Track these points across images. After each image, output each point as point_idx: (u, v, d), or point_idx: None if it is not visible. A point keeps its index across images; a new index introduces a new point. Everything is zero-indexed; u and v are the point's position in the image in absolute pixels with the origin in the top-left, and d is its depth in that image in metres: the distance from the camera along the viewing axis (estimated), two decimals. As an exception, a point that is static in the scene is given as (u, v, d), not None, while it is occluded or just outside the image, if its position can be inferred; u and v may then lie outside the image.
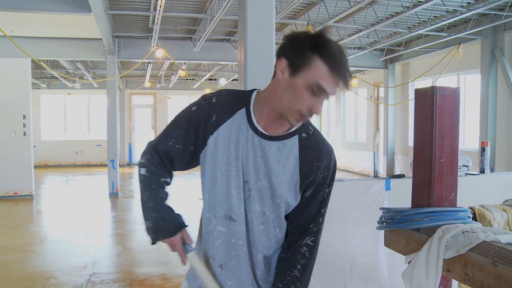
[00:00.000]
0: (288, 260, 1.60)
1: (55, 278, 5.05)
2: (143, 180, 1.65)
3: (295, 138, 1.56)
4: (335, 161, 1.64)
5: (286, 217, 1.63)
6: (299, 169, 1.55)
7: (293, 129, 1.56)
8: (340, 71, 1.40)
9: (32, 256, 5.96)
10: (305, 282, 1.61)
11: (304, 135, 1.58)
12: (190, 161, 1.64)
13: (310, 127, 1.60)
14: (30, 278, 5.04)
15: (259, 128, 1.55)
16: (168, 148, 1.62)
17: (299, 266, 1.58)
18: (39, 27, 9.54)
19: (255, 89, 1.62)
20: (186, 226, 1.64)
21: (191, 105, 1.62)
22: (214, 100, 1.59)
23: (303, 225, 1.62)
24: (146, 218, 1.63)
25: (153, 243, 1.63)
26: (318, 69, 1.39)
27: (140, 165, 1.66)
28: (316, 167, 1.57)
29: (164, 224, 1.60)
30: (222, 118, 1.56)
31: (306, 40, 1.42)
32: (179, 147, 1.60)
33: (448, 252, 1.24)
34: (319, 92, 1.41)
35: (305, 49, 1.40)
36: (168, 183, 1.67)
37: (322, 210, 1.64)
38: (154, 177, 1.64)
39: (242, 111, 1.57)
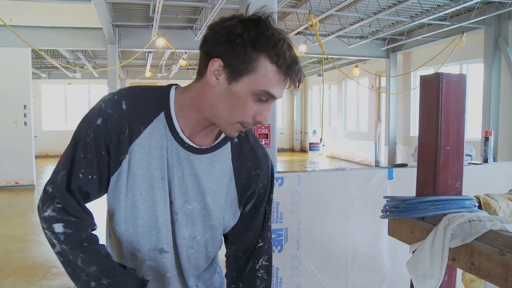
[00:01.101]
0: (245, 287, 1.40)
1: (57, 267, 5.05)
2: (64, 240, 1.17)
3: (227, 146, 1.30)
4: (272, 166, 1.40)
5: (242, 230, 1.40)
6: (235, 182, 1.31)
7: (223, 136, 1.29)
8: (293, 71, 1.14)
9: (33, 246, 5.97)
10: None
11: (236, 140, 1.32)
12: (107, 189, 1.28)
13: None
14: (31, 268, 5.05)
15: (185, 139, 1.24)
16: (81, 182, 1.21)
17: None
18: (39, 16, 9.48)
19: (172, 85, 1.30)
20: (147, 281, 1.25)
21: (93, 116, 1.23)
22: (124, 107, 1.21)
23: (250, 245, 1.40)
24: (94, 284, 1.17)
25: None
26: (266, 73, 1.12)
27: (49, 219, 1.18)
28: (255, 177, 1.33)
29: None
30: (138, 129, 1.21)
31: (245, 35, 1.10)
32: (93, 177, 1.21)
33: (454, 241, 1.22)
34: (266, 98, 1.16)
35: (247, 47, 1.10)
36: (95, 230, 1.26)
37: (268, 224, 1.42)
38: (80, 232, 1.20)
39: (161, 117, 1.23)
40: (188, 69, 16.41)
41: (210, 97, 1.18)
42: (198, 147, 1.26)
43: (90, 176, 1.21)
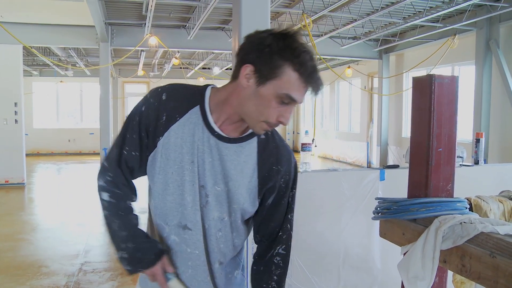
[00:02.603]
0: (264, 272, 1.56)
1: (47, 267, 5.02)
2: (107, 207, 1.48)
3: (254, 141, 1.47)
4: (295, 164, 1.56)
5: (246, 221, 1.57)
6: (257, 174, 1.46)
7: (250, 131, 1.46)
8: (313, 79, 1.32)
9: (23, 245, 5.93)
10: None
11: (262, 137, 1.48)
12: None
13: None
14: (21, 267, 5.00)
15: (216, 129, 1.42)
16: (126, 157, 1.46)
17: (275, 277, 1.55)
18: (31, 13, 9.40)
19: (209, 85, 1.49)
20: (165, 252, 1.48)
21: (140, 104, 1.47)
22: (164, 97, 1.44)
23: (272, 234, 1.56)
24: (119, 248, 1.47)
25: (130, 274, 1.49)
26: (289, 79, 1.29)
27: (100, 188, 1.48)
28: (276, 172, 1.48)
29: (142, 254, 1.45)
30: (174, 118, 1.42)
31: (274, 45, 1.29)
32: (136, 154, 1.46)
33: (445, 243, 1.22)
34: (288, 102, 1.33)
35: (274, 56, 1.29)
36: (135, 201, 1.54)
37: (289, 216, 1.58)
38: (120, 202, 1.48)
39: (196, 109, 1.43)
40: (180, 68, 16.37)
41: (241, 97, 1.36)
42: (227, 136, 1.43)
43: (133, 153, 1.45)
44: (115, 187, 1.47)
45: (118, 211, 1.47)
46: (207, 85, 1.48)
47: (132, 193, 1.52)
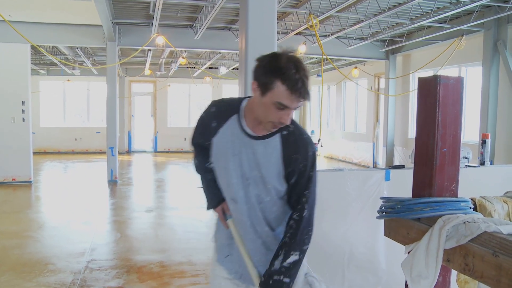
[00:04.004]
0: (285, 231, 1.99)
1: (53, 264, 5.06)
2: (196, 168, 2.26)
3: (277, 136, 1.92)
4: (313, 152, 1.94)
5: (289, 195, 2.00)
6: (282, 161, 1.91)
7: (274, 130, 1.90)
8: (298, 91, 1.70)
9: (30, 242, 5.97)
10: (293, 247, 1.93)
11: (285, 132, 1.92)
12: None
13: (291, 125, 1.91)
14: (28, 264, 5.04)
15: (248, 130, 1.93)
16: (199, 142, 2.14)
17: (288, 234, 1.95)
18: (38, 13, 9.47)
19: (248, 97, 1.97)
20: (224, 200, 2.12)
21: (203, 111, 2.08)
22: (213, 110, 2.04)
23: (293, 204, 1.99)
24: (203, 193, 2.25)
25: (208, 210, 2.24)
26: (279, 90, 1.71)
27: (193, 156, 2.26)
28: (295, 159, 1.90)
29: (210, 199, 2.21)
30: (220, 124, 1.98)
31: (270, 66, 1.74)
32: (202, 141, 2.08)
33: (449, 242, 1.23)
34: (283, 107, 1.74)
35: (268, 74, 1.73)
36: (211, 164, 2.10)
37: (306, 192, 1.94)
38: (200, 164, 2.20)
39: (235, 117, 1.95)
40: (187, 67, 16.40)
41: (255, 105, 1.85)
42: (256, 135, 1.92)
43: (200, 141, 2.12)
44: (195, 156, 2.23)
45: (198, 170, 2.25)
46: (246, 97, 1.99)
47: (206, 160, 2.13)
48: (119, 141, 14.70)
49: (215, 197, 2.18)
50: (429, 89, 1.42)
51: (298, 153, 1.91)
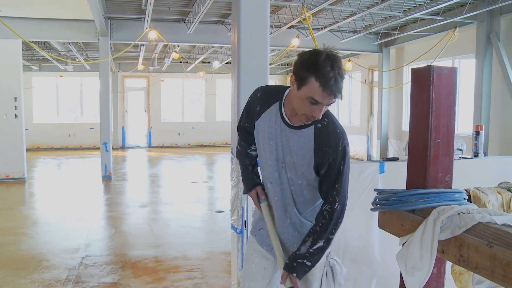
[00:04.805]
0: (317, 217, 2.11)
1: (47, 261, 5.04)
2: (237, 152, 2.45)
3: (311, 128, 2.03)
4: (343, 146, 2.01)
5: (320, 185, 2.11)
6: (313, 151, 2.02)
7: (309, 122, 2.00)
8: (330, 88, 1.81)
9: (24, 239, 5.94)
10: (321, 236, 2.06)
11: (319, 125, 2.03)
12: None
13: (325, 118, 2.02)
14: (22, 261, 5.02)
15: (286, 119, 2.06)
16: (244, 126, 2.32)
17: (320, 224, 2.07)
18: (30, 8, 9.38)
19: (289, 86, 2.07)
20: (259, 185, 2.33)
21: (250, 96, 2.26)
22: (259, 95, 2.20)
23: (324, 195, 2.10)
24: (241, 177, 2.44)
25: (244, 193, 2.44)
26: (313, 86, 1.82)
27: (237, 141, 2.44)
28: (325, 152, 2.00)
29: (246, 183, 2.38)
30: (263, 108, 2.15)
31: (307, 61, 1.84)
32: (248, 125, 2.28)
33: (443, 233, 1.23)
34: (315, 102, 1.85)
35: (305, 69, 1.83)
36: (253, 150, 2.34)
37: (336, 185, 2.03)
38: (242, 150, 2.39)
39: (277, 104, 2.10)
40: (180, 62, 16.34)
41: (292, 97, 1.98)
42: (292, 124, 2.06)
43: (246, 124, 2.30)
44: (239, 142, 2.41)
45: (239, 155, 2.41)
46: (288, 87, 2.07)
47: (250, 145, 2.34)
48: (112, 136, 14.64)
49: (250, 182, 2.35)
50: (422, 79, 1.41)
51: (328, 146, 2.00)
